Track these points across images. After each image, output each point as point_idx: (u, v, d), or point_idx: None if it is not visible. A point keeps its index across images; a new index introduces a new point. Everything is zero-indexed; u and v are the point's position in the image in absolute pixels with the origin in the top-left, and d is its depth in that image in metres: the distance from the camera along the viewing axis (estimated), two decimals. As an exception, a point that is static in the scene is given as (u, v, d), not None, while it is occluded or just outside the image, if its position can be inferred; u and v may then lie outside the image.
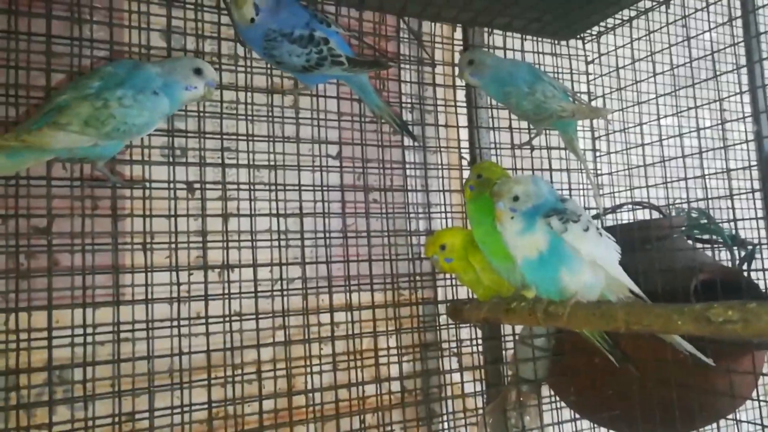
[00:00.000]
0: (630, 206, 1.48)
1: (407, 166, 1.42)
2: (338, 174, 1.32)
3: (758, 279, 1.33)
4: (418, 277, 1.36)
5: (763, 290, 1.29)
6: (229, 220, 1.17)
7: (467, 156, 1.48)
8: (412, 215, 1.39)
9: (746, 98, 1.40)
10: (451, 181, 1.47)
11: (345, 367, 1.24)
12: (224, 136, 1.16)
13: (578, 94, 1.36)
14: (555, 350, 1.29)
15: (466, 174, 1.47)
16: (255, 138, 1.20)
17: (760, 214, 1.32)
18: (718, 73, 1.34)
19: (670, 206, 1.43)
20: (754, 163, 1.34)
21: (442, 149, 1.42)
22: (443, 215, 1.42)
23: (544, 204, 0.90)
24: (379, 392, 1.26)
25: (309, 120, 1.26)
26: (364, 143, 1.31)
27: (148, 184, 1.09)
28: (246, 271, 1.17)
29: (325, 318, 1.24)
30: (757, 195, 1.34)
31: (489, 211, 0.94)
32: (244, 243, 1.17)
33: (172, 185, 1.11)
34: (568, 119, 1.20)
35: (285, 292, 1.19)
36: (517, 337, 1.38)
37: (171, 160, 1.12)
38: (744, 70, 1.43)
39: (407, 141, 1.41)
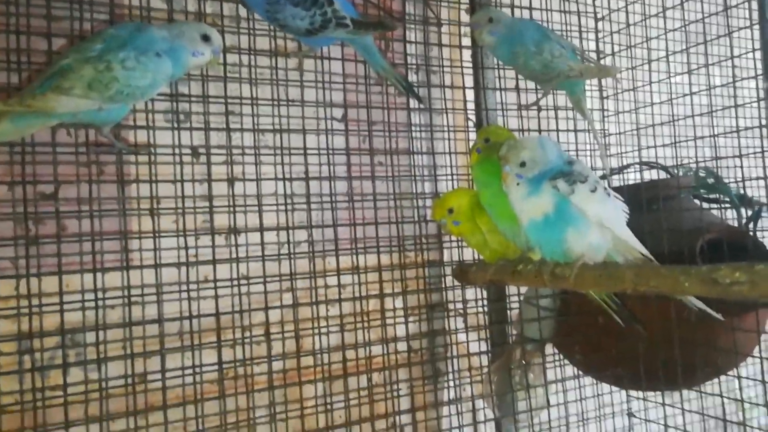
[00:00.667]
0: (637, 166, 1.47)
1: (413, 128, 1.41)
2: (344, 137, 1.31)
3: (763, 238, 1.33)
4: (423, 239, 1.36)
5: (770, 250, 1.29)
6: (235, 185, 1.17)
7: (473, 117, 1.46)
8: (417, 178, 1.39)
9: (758, 55, 1.37)
10: (457, 143, 1.46)
11: (352, 328, 1.26)
12: (228, 100, 1.15)
13: (587, 53, 1.33)
14: (560, 311, 1.30)
15: (472, 135, 1.46)
16: (259, 102, 1.19)
17: (768, 173, 1.31)
18: (731, 29, 1.31)
19: (678, 166, 1.42)
20: (765, 121, 1.32)
21: (448, 111, 1.41)
22: (449, 177, 1.41)
23: (552, 169, 0.90)
24: (385, 352, 1.28)
25: (314, 83, 1.25)
26: (370, 106, 1.30)
27: (153, 150, 1.09)
28: (253, 235, 1.17)
29: (332, 280, 1.25)
30: (767, 154, 1.32)
31: (496, 175, 0.94)
32: (250, 207, 1.17)
33: (177, 150, 1.10)
34: (576, 79, 1.18)
35: (292, 256, 1.19)
36: (522, 298, 1.39)
37: (175, 125, 1.11)
38: (757, 26, 1.40)
39: (413, 103, 1.39)
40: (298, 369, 1.18)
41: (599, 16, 1.56)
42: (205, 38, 0.94)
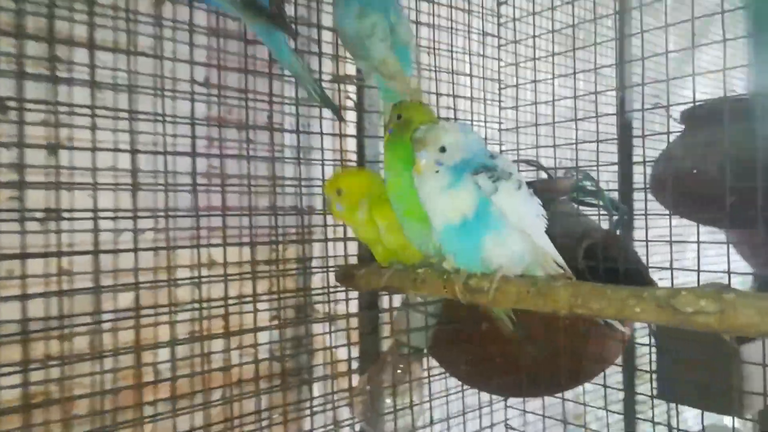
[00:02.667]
0: (520, 164, 1.44)
1: (285, 100, 1.21)
2: (206, 105, 1.08)
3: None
4: (297, 231, 1.17)
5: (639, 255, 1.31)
6: (60, 153, 0.90)
7: (353, 96, 1.30)
8: (288, 160, 1.21)
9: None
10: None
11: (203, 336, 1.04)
12: (55, 42, 0.88)
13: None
14: (443, 317, 1.20)
15: (351, 115, 1.30)
16: (97, 48, 0.92)
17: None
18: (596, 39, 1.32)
19: (557, 168, 1.40)
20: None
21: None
22: (321, 161, 1.22)
23: (473, 159, 0.77)
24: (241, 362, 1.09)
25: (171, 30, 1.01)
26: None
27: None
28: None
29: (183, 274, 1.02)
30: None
31: (410, 161, 0.79)
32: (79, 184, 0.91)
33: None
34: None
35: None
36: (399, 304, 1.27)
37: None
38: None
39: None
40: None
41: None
42: None
